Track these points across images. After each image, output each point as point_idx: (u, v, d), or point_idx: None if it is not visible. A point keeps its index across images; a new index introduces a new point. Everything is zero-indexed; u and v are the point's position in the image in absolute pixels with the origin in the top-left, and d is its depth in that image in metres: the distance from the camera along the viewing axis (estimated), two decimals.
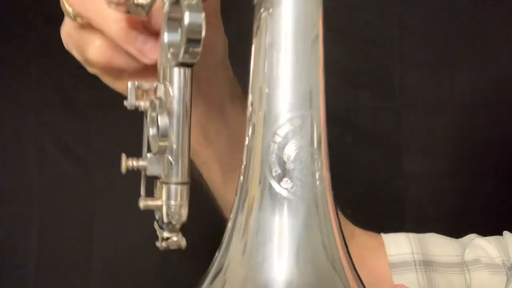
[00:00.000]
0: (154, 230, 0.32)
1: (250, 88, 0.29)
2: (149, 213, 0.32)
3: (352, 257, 0.29)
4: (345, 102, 0.79)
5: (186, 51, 0.27)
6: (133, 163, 0.31)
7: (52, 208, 0.83)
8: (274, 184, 0.27)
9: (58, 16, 0.37)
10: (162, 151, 0.30)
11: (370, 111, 0.81)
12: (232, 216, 0.28)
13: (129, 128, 0.36)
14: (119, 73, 0.37)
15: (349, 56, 0.79)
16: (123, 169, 0.31)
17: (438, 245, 0.52)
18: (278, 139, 0.27)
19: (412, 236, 0.52)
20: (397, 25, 0.79)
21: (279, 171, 0.27)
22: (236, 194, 0.29)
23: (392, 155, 0.81)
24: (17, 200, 0.83)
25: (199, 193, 0.33)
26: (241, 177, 0.29)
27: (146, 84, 0.31)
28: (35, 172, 0.82)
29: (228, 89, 0.42)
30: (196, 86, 0.31)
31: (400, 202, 0.80)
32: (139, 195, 0.33)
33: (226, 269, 0.28)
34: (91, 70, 0.38)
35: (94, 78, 0.40)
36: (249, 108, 0.29)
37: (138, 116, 0.32)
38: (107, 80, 0.38)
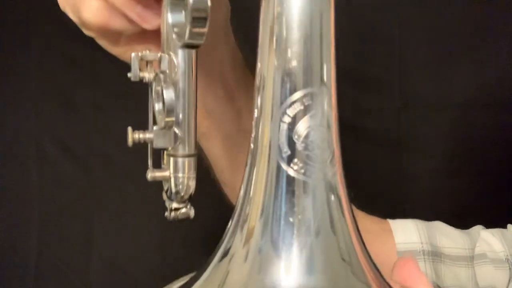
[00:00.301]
0: (154, 230, 0.32)
1: (258, 57, 0.27)
2: (149, 214, 0.32)
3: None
4: (345, 102, 0.79)
5: (191, 31, 0.26)
6: (139, 135, 0.31)
7: (52, 208, 0.83)
8: (284, 165, 0.26)
9: (58, 16, 0.37)
10: (169, 127, 0.29)
11: (370, 111, 0.81)
12: (239, 197, 0.27)
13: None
14: (116, 36, 0.36)
15: (349, 56, 0.79)
16: (129, 141, 0.30)
17: (446, 235, 0.51)
18: (287, 119, 0.26)
19: (420, 223, 0.52)
20: (397, 25, 0.79)
21: (289, 152, 0.26)
22: (243, 176, 0.27)
23: (392, 155, 0.81)
24: (17, 200, 0.83)
25: (200, 193, 0.32)
26: (249, 158, 0.27)
27: (150, 55, 0.30)
28: (35, 172, 0.82)
29: (229, 56, 0.40)
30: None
31: (400, 202, 0.80)
32: (139, 195, 0.33)
33: (232, 257, 0.27)
34: (87, 32, 0.36)
35: (94, 78, 0.40)
36: (257, 79, 0.27)
37: (138, 116, 0.32)
38: (103, 43, 0.37)
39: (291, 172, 0.25)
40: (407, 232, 0.51)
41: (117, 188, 0.81)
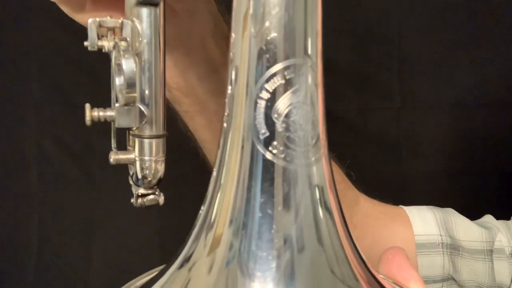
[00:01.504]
0: (154, 230, 0.31)
1: (232, 26, 0.23)
2: (149, 213, 0.31)
3: (353, 227, 0.23)
4: (345, 102, 0.79)
5: None
6: (99, 113, 0.27)
7: (52, 208, 0.83)
8: (261, 148, 0.22)
9: (58, 16, 0.37)
10: (130, 103, 0.26)
11: (370, 111, 0.81)
12: (208, 190, 0.23)
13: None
14: (80, 3, 0.33)
15: (348, 56, 0.79)
16: (88, 120, 0.27)
17: (463, 227, 0.49)
18: (265, 95, 0.22)
19: (437, 212, 0.49)
20: (397, 25, 0.79)
21: (267, 133, 0.22)
22: (214, 162, 0.23)
23: (392, 155, 0.81)
24: (17, 200, 0.83)
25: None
26: (221, 139, 0.23)
27: (110, 21, 0.26)
28: (35, 172, 0.82)
29: (211, 26, 0.36)
30: (172, 22, 0.26)
31: (400, 202, 0.80)
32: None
33: (193, 265, 0.23)
34: None
35: (94, 78, 0.39)
36: (231, 51, 0.23)
37: None
38: (66, 9, 0.34)
39: (270, 156, 0.21)
40: (426, 223, 0.48)
41: (117, 188, 0.80)
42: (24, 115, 0.82)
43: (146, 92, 0.26)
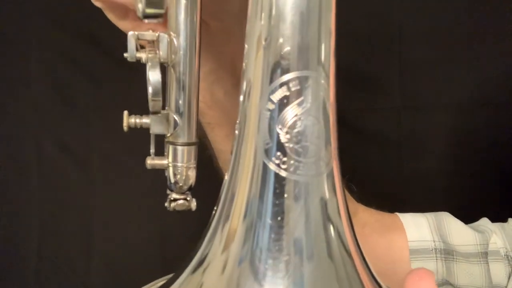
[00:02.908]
0: (154, 230, 0.32)
1: (246, 38, 0.23)
2: (149, 213, 0.31)
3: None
4: (345, 102, 0.79)
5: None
6: (135, 120, 0.29)
7: (52, 208, 0.83)
8: (265, 159, 0.22)
9: (58, 16, 0.37)
10: (157, 110, 0.27)
11: (370, 111, 0.81)
12: (222, 191, 0.24)
13: (129, 128, 0.35)
14: (124, 11, 0.35)
15: (348, 56, 0.79)
16: (125, 125, 0.29)
17: (457, 231, 0.50)
18: (271, 105, 0.22)
19: (430, 218, 0.50)
20: (397, 25, 0.79)
21: (271, 144, 0.22)
22: (228, 167, 0.24)
23: (392, 155, 0.81)
24: (17, 200, 0.83)
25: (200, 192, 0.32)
26: (234, 148, 0.24)
27: (148, 34, 0.28)
28: (35, 172, 0.82)
29: (242, 46, 0.38)
30: (206, 39, 0.28)
31: (400, 202, 0.80)
32: (139, 194, 0.32)
33: (208, 265, 0.23)
34: (96, 3, 0.35)
35: (94, 78, 0.39)
36: (244, 62, 0.23)
37: (138, 116, 0.32)
38: (111, 16, 0.36)
39: (273, 167, 0.22)
40: (419, 228, 0.49)
41: (116, 187, 0.81)
42: (24, 115, 0.82)
43: (180, 102, 0.27)
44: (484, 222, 0.53)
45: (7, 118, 0.82)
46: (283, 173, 0.22)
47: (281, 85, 0.22)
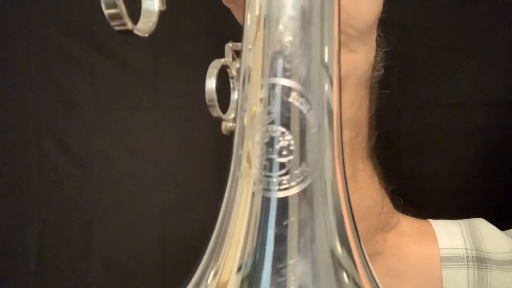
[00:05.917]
0: (154, 230, 0.31)
1: (243, 39, 0.23)
2: (149, 213, 0.31)
3: (387, 247, 0.22)
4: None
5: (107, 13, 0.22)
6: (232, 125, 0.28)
7: (52, 208, 0.83)
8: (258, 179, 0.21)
9: (58, 16, 0.37)
10: (215, 115, 0.28)
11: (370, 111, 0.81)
12: (220, 213, 0.23)
13: (129, 128, 0.35)
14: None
15: None
16: (223, 130, 0.29)
17: (491, 238, 0.49)
18: (267, 134, 0.21)
19: (463, 225, 0.50)
20: (397, 25, 0.79)
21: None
22: (224, 193, 0.24)
23: (392, 155, 0.81)
24: (17, 200, 0.83)
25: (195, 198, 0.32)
26: (235, 141, 0.23)
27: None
28: (35, 172, 0.82)
29: (365, 63, 0.37)
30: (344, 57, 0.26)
31: (400, 202, 0.80)
32: (139, 195, 0.32)
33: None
34: (227, 4, 0.35)
35: (94, 78, 0.39)
36: (241, 74, 0.23)
37: (137, 116, 0.32)
38: (239, 17, 0.35)
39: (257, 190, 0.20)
40: (451, 236, 0.49)
41: (117, 188, 0.81)
42: (24, 116, 0.82)
43: None
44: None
45: (8, 118, 0.82)
46: (264, 193, 0.21)
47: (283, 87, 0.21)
